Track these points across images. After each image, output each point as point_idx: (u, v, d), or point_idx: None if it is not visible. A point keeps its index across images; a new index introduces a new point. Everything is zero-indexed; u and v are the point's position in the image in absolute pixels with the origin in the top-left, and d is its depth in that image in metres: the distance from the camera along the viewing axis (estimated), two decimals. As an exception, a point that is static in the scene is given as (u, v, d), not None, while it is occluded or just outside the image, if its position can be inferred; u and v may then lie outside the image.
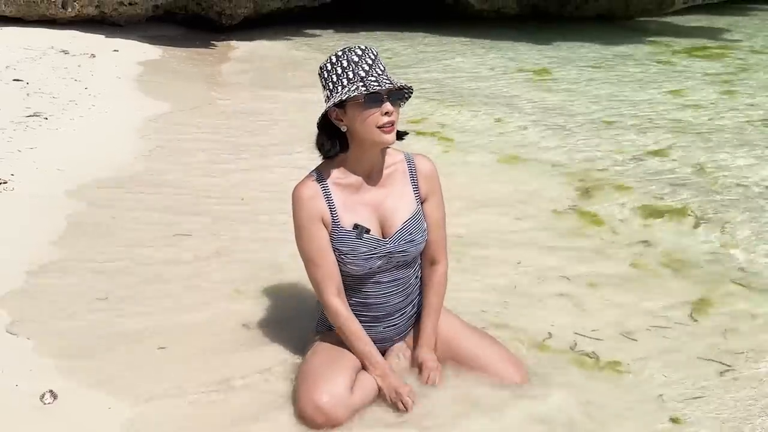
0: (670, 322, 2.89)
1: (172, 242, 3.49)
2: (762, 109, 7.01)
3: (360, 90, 2.08)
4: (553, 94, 7.81)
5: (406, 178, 2.35)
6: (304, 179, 2.26)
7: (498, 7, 13.76)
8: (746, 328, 2.86)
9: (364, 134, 2.16)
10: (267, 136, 5.79)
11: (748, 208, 4.23)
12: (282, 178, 4.38)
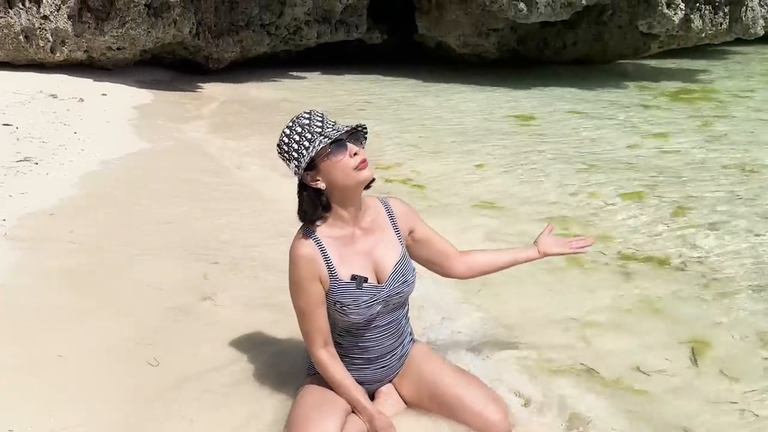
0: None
1: (162, 284, 3.57)
2: (741, 151, 7.25)
3: (323, 142, 2.22)
4: (535, 138, 8.00)
5: (388, 223, 2.48)
6: (300, 237, 2.35)
7: (479, 51, 14.07)
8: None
9: (343, 181, 2.27)
10: (248, 178, 5.91)
11: (727, 252, 4.40)
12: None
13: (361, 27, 14.03)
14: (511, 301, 3.62)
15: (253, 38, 13.09)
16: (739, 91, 11.65)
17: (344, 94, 11.40)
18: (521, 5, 11.64)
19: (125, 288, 3.52)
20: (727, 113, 9.65)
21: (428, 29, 13.77)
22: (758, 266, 4.19)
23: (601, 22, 13.34)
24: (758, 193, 5.75)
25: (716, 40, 12.87)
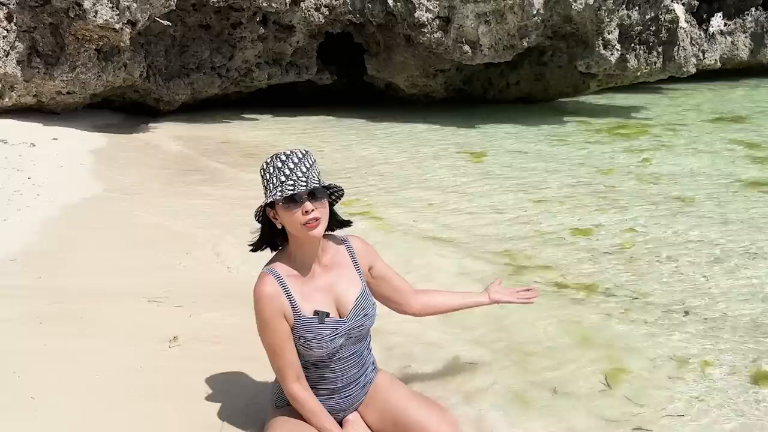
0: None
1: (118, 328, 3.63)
2: (677, 183, 7.66)
3: (277, 196, 2.34)
4: (487, 174, 8.30)
5: (348, 260, 2.63)
6: (263, 277, 2.47)
7: (427, 91, 14.47)
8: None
9: (293, 230, 2.42)
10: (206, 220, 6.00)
11: (665, 283, 4.68)
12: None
13: (311, 69, 14.29)
14: (459, 332, 3.80)
15: (204, 80, 13.21)
16: (673, 126, 12.25)
17: (298, 134, 11.58)
18: (466, 47, 12.08)
19: (94, 333, 3.57)
20: (663, 146, 10.16)
21: (377, 70, 14.12)
22: (685, 293, 4.48)
23: (542, 62, 13.90)
24: (695, 223, 6.11)
25: (651, 78, 13.54)
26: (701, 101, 16.25)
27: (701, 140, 10.70)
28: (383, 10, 12.85)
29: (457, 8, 11.89)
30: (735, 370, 3.48)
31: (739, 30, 20.63)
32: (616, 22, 11.90)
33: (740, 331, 3.93)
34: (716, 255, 5.26)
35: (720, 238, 5.68)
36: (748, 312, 4.20)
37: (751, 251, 5.35)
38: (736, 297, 4.43)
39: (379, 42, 13.72)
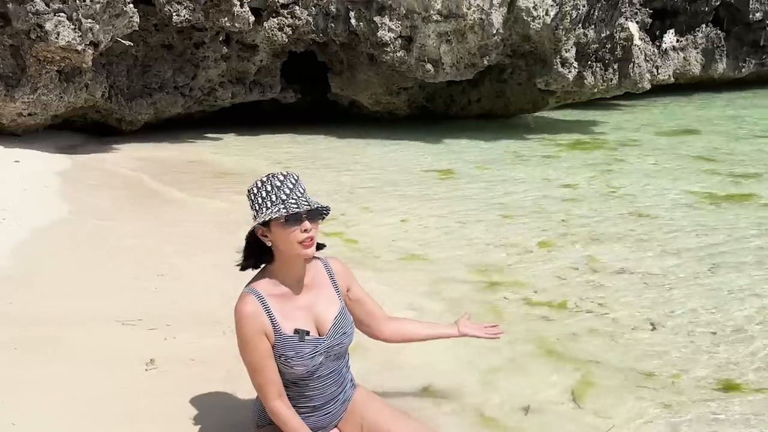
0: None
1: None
2: (639, 198, 7.92)
3: (281, 212, 2.42)
4: (452, 191, 8.46)
5: (327, 280, 2.72)
6: (243, 297, 2.53)
7: (390, 109, 14.64)
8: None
9: (286, 249, 2.49)
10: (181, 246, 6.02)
11: (631, 297, 4.86)
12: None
13: (275, 87, 14.35)
14: (435, 352, 3.89)
15: (167, 100, 13.16)
16: (630, 140, 12.62)
17: (264, 153, 11.62)
18: (428, 66, 12.30)
19: (71, 358, 3.58)
20: (621, 161, 10.48)
21: (341, 89, 14.25)
22: (652, 307, 4.67)
23: (502, 79, 14.20)
24: (654, 236, 6.34)
25: (608, 94, 13.94)
26: (656, 116, 16.76)
27: (657, 154, 11.06)
28: (346, 30, 13.01)
29: (419, 28, 12.11)
30: (702, 380, 3.63)
31: (690, 46, 21.31)
32: (573, 40, 12.24)
33: (705, 342, 4.10)
34: (677, 267, 5.48)
35: (680, 250, 5.91)
36: (713, 322, 4.39)
37: (711, 262, 5.58)
38: (700, 308, 4.62)
39: (343, 60, 13.86)
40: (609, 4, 12.37)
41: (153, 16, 12.04)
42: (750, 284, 5.08)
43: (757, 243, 6.09)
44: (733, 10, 22.28)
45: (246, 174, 9.63)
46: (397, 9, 12.22)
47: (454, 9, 11.66)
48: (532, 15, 11.58)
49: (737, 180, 8.84)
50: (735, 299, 4.79)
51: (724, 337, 4.16)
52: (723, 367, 3.78)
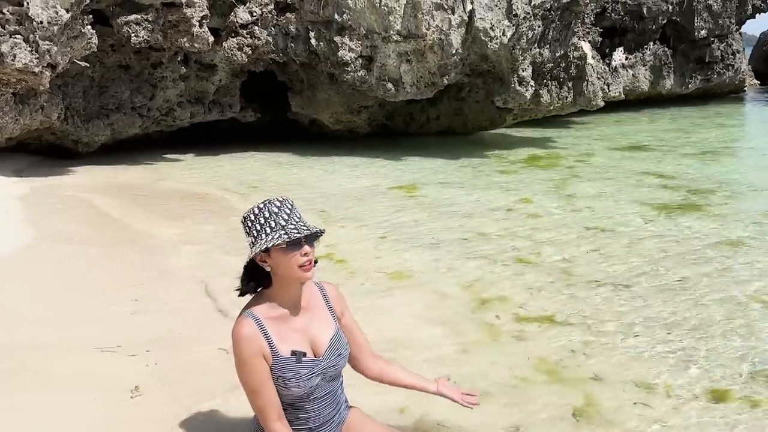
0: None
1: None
2: (596, 211, 8.15)
3: (283, 237, 2.47)
4: (423, 207, 8.57)
5: (322, 303, 2.77)
6: (241, 320, 2.56)
7: (351, 127, 14.75)
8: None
9: (287, 273, 2.54)
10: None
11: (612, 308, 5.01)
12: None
13: (234, 106, 14.31)
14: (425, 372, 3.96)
15: (125, 121, 12.99)
16: (584, 156, 12.97)
17: (227, 173, 11.57)
18: (389, 85, 12.45)
19: (53, 387, 3.53)
20: (576, 176, 10.76)
21: (302, 107, 14.30)
22: (631, 316, 4.83)
23: (461, 98, 14.45)
24: (617, 247, 6.55)
25: (563, 111, 14.31)
26: (608, 132, 17.23)
27: (611, 169, 11.39)
28: (306, 50, 13.09)
29: (379, 48, 12.26)
30: (696, 390, 3.76)
31: (639, 63, 22.02)
32: (530, 60, 12.55)
33: (690, 351, 4.26)
34: (644, 277, 5.68)
35: (645, 260, 6.13)
36: (693, 329, 4.56)
37: (675, 271, 5.79)
38: (676, 316, 4.80)
39: (303, 80, 13.93)
40: (563, 25, 12.73)
41: (109, 36, 11.92)
42: (719, 288, 5.33)
43: (711, 252, 6.35)
44: (679, 28, 23.13)
45: (212, 195, 9.59)
46: (357, 29, 12.35)
47: (414, 29, 11.85)
48: (490, 35, 11.84)
49: (688, 193, 9.16)
50: (705, 304, 5.00)
51: (709, 347, 4.31)
52: (709, 373, 3.93)
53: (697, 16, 22.97)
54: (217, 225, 7.60)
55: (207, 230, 7.41)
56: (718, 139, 15.88)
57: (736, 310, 4.93)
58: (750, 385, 3.83)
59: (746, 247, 6.56)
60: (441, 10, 11.76)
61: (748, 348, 4.30)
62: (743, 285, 5.45)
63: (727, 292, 5.31)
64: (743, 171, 11.68)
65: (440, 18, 11.78)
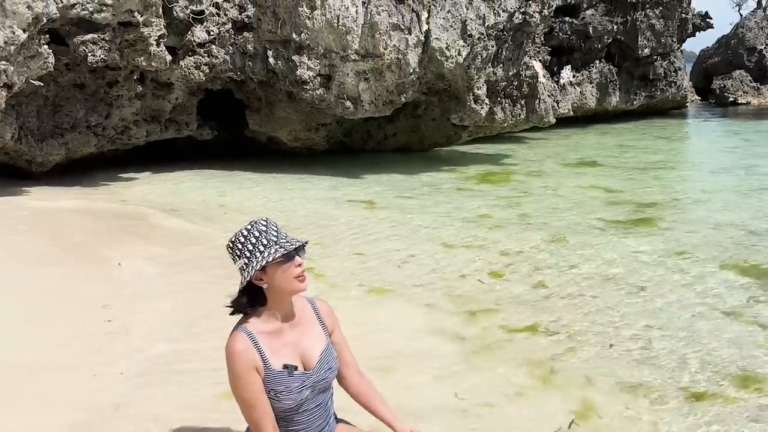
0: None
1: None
2: (552, 225, 8.44)
3: (279, 251, 2.60)
4: (386, 222, 8.73)
5: (314, 318, 2.89)
6: (235, 335, 2.66)
7: (309, 144, 14.86)
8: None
9: (283, 286, 2.65)
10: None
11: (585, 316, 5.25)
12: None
13: (191, 125, 14.28)
14: (414, 387, 4.10)
15: (80, 140, 12.84)
16: (537, 172, 13.36)
17: (187, 191, 11.54)
18: (348, 103, 12.63)
19: (37, 409, 3.55)
20: (530, 192, 11.09)
21: (260, 125, 14.36)
22: (606, 324, 5.07)
23: (417, 115, 14.72)
24: (578, 259, 6.83)
25: (516, 128, 14.72)
26: (559, 148, 17.75)
27: (563, 184, 11.77)
28: (264, 68, 13.18)
29: (338, 67, 12.44)
30: (671, 391, 4.00)
31: (586, 81, 22.72)
32: (484, 78, 12.90)
33: (657, 356, 4.51)
34: (604, 287, 5.96)
35: (597, 272, 6.42)
36: (661, 333, 4.82)
37: (631, 279, 6.09)
38: (643, 322, 5.07)
39: (261, 98, 14.00)
40: (515, 45, 13.13)
41: (64, 55, 11.80)
42: (670, 293, 5.66)
43: (663, 262, 6.69)
44: (624, 47, 23.98)
45: (157, 215, 9.49)
46: (315, 48, 12.51)
47: (371, 49, 12.07)
48: (446, 55, 12.14)
49: (637, 207, 9.56)
50: (661, 308, 5.29)
51: (674, 351, 4.57)
52: (679, 374, 4.17)
53: (641, 35, 23.87)
54: (170, 246, 7.58)
55: (158, 251, 7.40)
56: (664, 154, 16.56)
57: (689, 315, 5.23)
58: (713, 383, 4.07)
59: (692, 255, 6.92)
60: (398, 30, 12.02)
61: (696, 347, 4.56)
62: (691, 290, 5.79)
63: (677, 296, 5.66)
64: (689, 185, 12.22)
65: (397, 38, 12.03)
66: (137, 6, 11.49)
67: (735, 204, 9.72)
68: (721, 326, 5.01)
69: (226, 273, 4.51)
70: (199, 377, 3.99)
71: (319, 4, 12.28)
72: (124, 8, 11.33)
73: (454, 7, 12.26)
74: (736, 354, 4.50)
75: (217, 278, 5.75)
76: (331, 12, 12.21)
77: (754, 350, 4.55)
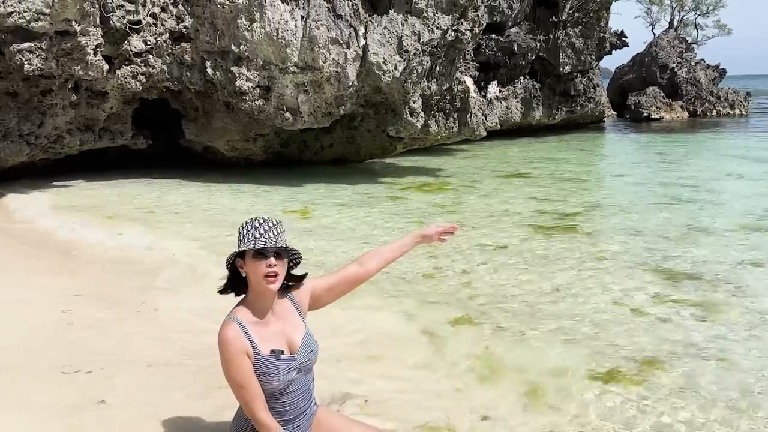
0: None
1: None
2: (488, 231, 8.96)
3: (249, 246, 2.92)
4: (319, 233, 9.02)
5: (293, 308, 3.20)
6: (226, 324, 2.96)
7: (246, 154, 15.01)
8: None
9: (253, 282, 2.98)
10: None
11: (511, 312, 5.72)
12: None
13: (125, 134, 14.21)
14: (388, 380, 4.43)
15: (11, 149, 12.61)
16: (469, 183, 13.95)
17: (127, 200, 11.53)
18: (287, 114, 12.89)
19: (18, 408, 3.70)
20: (462, 202, 11.63)
21: (196, 135, 14.43)
22: (532, 318, 5.53)
23: (353, 127, 15.11)
24: (513, 262, 7.33)
25: (449, 140, 15.30)
26: (488, 160, 18.49)
27: (493, 194, 12.38)
28: (202, 78, 13.30)
29: (277, 78, 12.70)
30: (586, 372, 4.47)
31: (511, 96, 23.69)
32: (419, 92, 13.41)
33: (579, 342, 5.00)
34: (536, 286, 6.47)
35: (527, 273, 6.94)
36: (581, 324, 5.31)
37: (558, 279, 6.62)
38: (570, 316, 5.57)
39: (198, 108, 14.08)
40: (448, 60, 13.72)
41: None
42: (592, 292, 6.21)
43: (585, 264, 7.30)
44: (546, 64, 25.12)
45: (115, 220, 9.57)
46: (254, 60, 12.73)
47: (311, 62, 12.39)
48: (383, 69, 12.59)
49: (562, 215, 10.21)
50: (582, 304, 5.81)
51: (596, 338, 5.06)
52: (599, 357, 4.65)
53: (562, 52, 25.08)
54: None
55: (114, 258, 7.53)
56: (585, 165, 17.53)
57: (605, 311, 5.79)
58: (621, 368, 4.58)
59: (613, 258, 7.55)
60: (337, 44, 12.39)
61: (609, 337, 5.11)
62: (609, 289, 6.41)
63: (598, 294, 6.26)
64: (609, 194, 13.04)
65: (336, 52, 12.40)
66: (74, 15, 11.46)
67: (650, 212, 10.48)
68: (629, 320, 5.57)
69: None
70: (184, 370, 4.17)
71: (258, 17, 12.53)
72: (61, 17, 11.29)
73: (391, 24, 12.74)
74: (639, 343, 5.04)
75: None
76: (270, 25, 12.47)
77: (654, 341, 5.10)
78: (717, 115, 36.40)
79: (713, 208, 10.98)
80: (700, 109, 36.27)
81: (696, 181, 14.01)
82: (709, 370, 4.57)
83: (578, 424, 3.85)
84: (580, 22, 25.19)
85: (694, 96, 36.56)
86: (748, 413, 3.97)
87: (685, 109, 36.23)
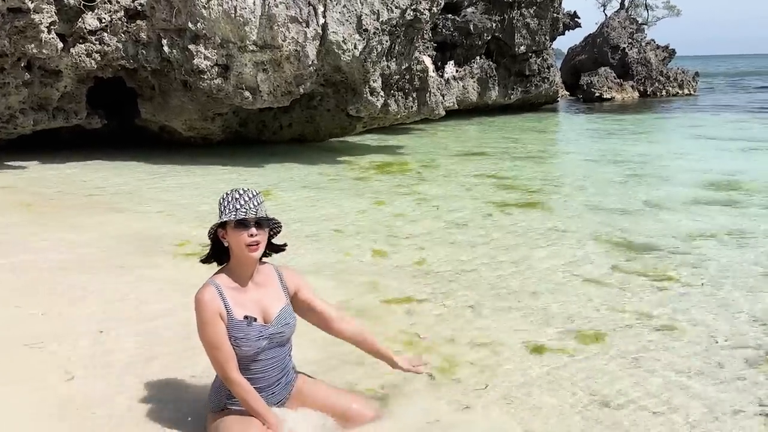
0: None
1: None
2: (448, 210, 9.13)
3: (231, 216, 3.02)
4: (285, 213, 9.07)
5: (277, 282, 3.30)
6: (204, 287, 3.09)
7: (204, 134, 14.88)
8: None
9: (236, 250, 3.09)
10: None
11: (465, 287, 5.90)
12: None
13: (80, 113, 13.93)
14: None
15: (-38, 128, 12.35)
16: (429, 161, 14.12)
17: (82, 183, 11.35)
18: (246, 93, 12.81)
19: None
20: (425, 180, 11.79)
21: (152, 114, 14.24)
22: (480, 292, 5.72)
23: (312, 106, 15.10)
24: (471, 239, 7.51)
25: (408, 119, 15.43)
26: (447, 139, 18.70)
27: (454, 172, 12.57)
28: (158, 57, 13.11)
29: (235, 57, 12.60)
30: (518, 346, 4.64)
31: (468, 76, 23.89)
32: (379, 72, 13.47)
33: (512, 314, 5.19)
34: (492, 260, 6.67)
35: (491, 248, 7.14)
36: (522, 296, 5.51)
37: (518, 254, 6.83)
38: (519, 288, 5.77)
39: (154, 86, 13.89)
40: (407, 40, 13.80)
41: (-54, 40, 11.30)
42: (550, 265, 6.44)
43: (550, 237, 7.54)
44: (502, 44, 25.37)
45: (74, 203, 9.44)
46: (212, 38, 12.60)
47: (270, 40, 12.33)
48: (343, 48, 12.61)
49: (522, 192, 10.46)
50: (541, 278, 6.03)
51: (533, 311, 5.27)
52: (530, 332, 4.85)
53: (517, 33, 25.36)
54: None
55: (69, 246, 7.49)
56: (541, 144, 17.87)
57: (561, 282, 6.03)
58: (563, 339, 4.78)
59: (570, 233, 7.81)
60: (296, 23, 12.34)
61: (562, 309, 5.33)
62: (567, 262, 6.66)
63: (550, 264, 6.56)
64: (565, 172, 13.37)
65: (295, 30, 12.36)
66: (27, -9, 11.17)
67: (607, 189, 10.82)
68: (584, 289, 5.81)
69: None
70: (143, 341, 4.24)
71: (216, -5, 12.39)
72: (13, -7, 11.00)
73: (350, 2, 12.74)
74: (591, 313, 5.27)
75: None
76: (227, 2, 12.35)
77: (608, 310, 5.35)
78: (667, 94, 37.27)
79: (665, 183, 11.38)
80: (650, 89, 37.10)
81: (647, 158, 14.46)
82: (657, 338, 4.80)
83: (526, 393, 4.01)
84: (535, 2, 25.46)
85: (644, 76, 37.36)
86: (699, 379, 4.22)
87: (636, 89, 37.01)
